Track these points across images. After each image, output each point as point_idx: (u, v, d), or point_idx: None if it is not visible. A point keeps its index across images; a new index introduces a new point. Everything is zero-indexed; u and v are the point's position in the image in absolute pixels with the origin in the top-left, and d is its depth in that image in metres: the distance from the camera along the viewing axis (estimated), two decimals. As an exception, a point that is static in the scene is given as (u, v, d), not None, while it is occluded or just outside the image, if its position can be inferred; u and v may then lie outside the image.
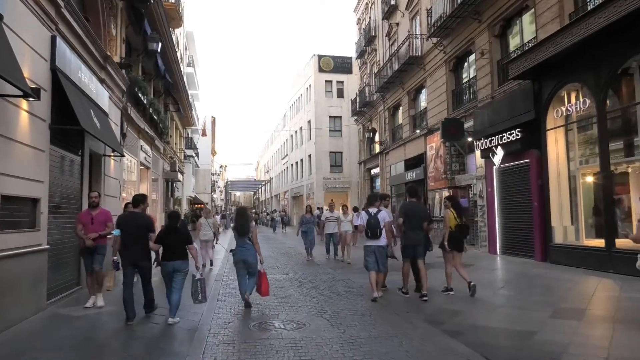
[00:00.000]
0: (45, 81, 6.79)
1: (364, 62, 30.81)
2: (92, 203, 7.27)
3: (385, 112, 25.90)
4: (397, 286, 7.96)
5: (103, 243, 7.19)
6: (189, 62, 39.34)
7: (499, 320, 5.89)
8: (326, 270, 11.21)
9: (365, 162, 30.87)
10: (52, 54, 6.93)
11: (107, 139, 9.02)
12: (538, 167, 11.27)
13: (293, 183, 48.80)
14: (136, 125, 14.48)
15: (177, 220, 6.57)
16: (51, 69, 6.98)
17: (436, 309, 6.61)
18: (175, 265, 6.11)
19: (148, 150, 17.27)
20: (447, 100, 17.41)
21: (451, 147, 16.86)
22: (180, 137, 31.79)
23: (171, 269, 6.11)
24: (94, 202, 7.27)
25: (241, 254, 6.96)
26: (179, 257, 6.15)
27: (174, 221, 6.50)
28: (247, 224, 7.09)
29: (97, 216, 7.15)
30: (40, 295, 6.60)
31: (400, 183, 22.83)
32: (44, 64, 6.75)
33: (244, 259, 6.94)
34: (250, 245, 6.98)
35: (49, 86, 6.92)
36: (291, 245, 20.04)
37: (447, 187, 16.96)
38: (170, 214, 6.79)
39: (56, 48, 6.98)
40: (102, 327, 5.99)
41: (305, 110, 43.84)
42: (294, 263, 13.01)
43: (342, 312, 6.53)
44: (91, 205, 7.30)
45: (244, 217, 7.28)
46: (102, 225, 7.14)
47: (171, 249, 6.15)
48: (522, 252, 11.93)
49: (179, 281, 6.18)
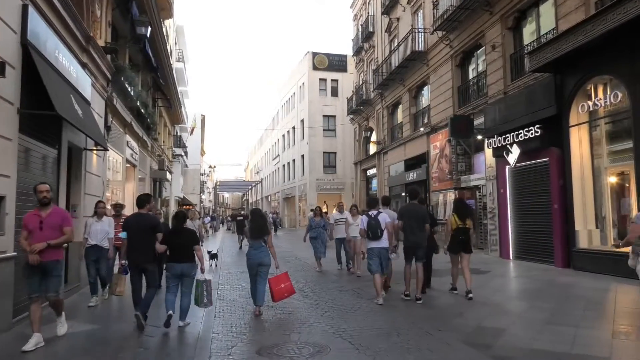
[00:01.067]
0: (13, 56, 5.75)
1: (360, 59, 29.95)
2: (43, 200, 5.14)
3: (383, 111, 25.05)
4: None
5: (57, 257, 5.19)
6: (178, 57, 38.13)
7: (553, 342, 4.95)
8: (331, 278, 10.28)
9: (361, 162, 30.01)
10: (22, 26, 5.90)
11: (88, 130, 7.98)
12: (559, 166, 10.45)
13: (285, 184, 47.75)
14: (122, 118, 13.41)
15: (184, 220, 6.41)
16: (21, 44, 5.95)
17: (473, 327, 5.69)
18: (183, 269, 5.95)
19: (135, 146, 16.18)
20: (452, 97, 16.59)
21: (457, 146, 16.02)
22: (169, 135, 30.65)
23: (179, 272, 5.94)
24: (44, 199, 5.14)
25: (257, 257, 6.70)
26: (186, 259, 5.98)
27: (180, 221, 6.28)
28: (265, 226, 6.90)
29: (48, 218, 5.12)
30: (5, 312, 5.56)
31: (400, 184, 21.98)
32: (12, 36, 5.71)
33: (260, 262, 6.68)
34: (266, 248, 6.75)
35: (18, 63, 5.88)
36: (287, 249, 19.05)
37: (452, 188, 16.12)
38: (177, 214, 6.50)
39: (28, 19, 5.95)
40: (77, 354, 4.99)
41: (298, 109, 42.85)
42: (294, 269, 12.02)
43: (364, 331, 5.58)
44: (41, 204, 5.16)
45: (261, 218, 7.09)
46: (56, 230, 5.14)
47: (178, 250, 5.98)
48: (540, 258, 11.10)
49: (188, 285, 6.06)
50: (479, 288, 8.28)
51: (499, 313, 6.43)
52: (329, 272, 11.03)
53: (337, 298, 7.80)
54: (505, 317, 6.21)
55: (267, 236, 6.74)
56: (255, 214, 7.23)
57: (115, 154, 13.22)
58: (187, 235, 6.17)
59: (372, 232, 7.26)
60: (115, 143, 12.92)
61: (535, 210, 11.34)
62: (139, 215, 6.23)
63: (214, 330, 5.81)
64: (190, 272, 6.02)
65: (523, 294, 7.85)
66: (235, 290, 8.93)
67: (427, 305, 7.09)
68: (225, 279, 10.41)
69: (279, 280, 6.83)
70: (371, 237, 7.29)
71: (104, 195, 11.12)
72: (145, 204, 6.27)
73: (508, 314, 6.39)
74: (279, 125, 50.85)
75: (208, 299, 6.14)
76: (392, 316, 6.43)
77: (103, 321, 6.34)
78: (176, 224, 6.24)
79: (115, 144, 12.91)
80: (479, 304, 6.97)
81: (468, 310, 6.51)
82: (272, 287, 6.71)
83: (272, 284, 6.73)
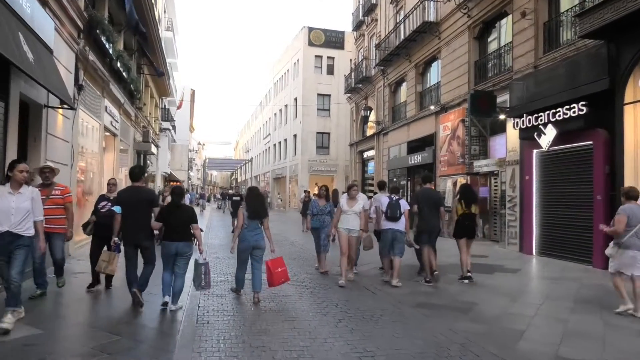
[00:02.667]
0: None
1: (361, 34, 28.18)
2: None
3: (385, 89, 23.47)
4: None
5: None
6: (167, 27, 35.98)
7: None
8: (337, 270, 8.79)
9: (357, 143, 28.52)
10: None
11: (47, 82, 6.34)
12: (606, 151, 9.05)
13: (275, 164, 46.15)
14: (99, 79, 11.69)
15: (182, 197, 5.94)
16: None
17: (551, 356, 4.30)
18: (178, 248, 5.60)
19: (115, 113, 14.46)
20: (468, 72, 15.06)
21: (471, 127, 14.58)
22: (156, 107, 28.77)
23: (174, 251, 5.60)
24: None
25: (254, 240, 6.24)
26: (182, 238, 5.64)
27: (178, 198, 5.84)
28: (264, 206, 6.60)
29: None
30: None
31: (402, 167, 20.55)
32: None
33: (256, 245, 6.25)
34: (261, 230, 6.35)
35: None
36: (279, 232, 17.57)
37: (464, 174, 14.72)
38: (174, 189, 6.01)
39: None
40: None
41: (292, 86, 41.04)
42: (291, 257, 10.57)
43: (402, 354, 4.16)
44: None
45: (259, 198, 6.61)
46: None
47: (174, 228, 5.62)
48: (573, 256, 9.77)
49: (182, 266, 5.75)
50: (523, 293, 6.94)
51: (575, 335, 5.04)
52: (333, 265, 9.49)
53: (350, 299, 6.37)
54: (583, 340, 4.83)
55: (265, 218, 6.37)
56: (253, 193, 6.63)
57: (90, 119, 11.54)
58: (184, 212, 5.78)
59: (392, 213, 7.30)
60: (90, 107, 11.24)
61: (571, 201, 9.96)
62: (134, 188, 5.92)
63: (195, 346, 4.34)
64: (185, 252, 5.68)
65: (584, 304, 6.28)
66: (223, 282, 7.48)
67: (464, 310, 5.72)
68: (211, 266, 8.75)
69: (276, 264, 6.37)
70: (389, 215, 7.31)
71: (75, 164, 9.50)
72: (140, 177, 6.07)
73: (587, 337, 5.00)
74: (271, 103, 49.00)
75: (206, 282, 5.80)
76: (430, 326, 5.03)
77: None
78: (173, 200, 5.83)
79: (90, 108, 11.23)
80: (542, 317, 5.57)
81: (534, 332, 5.06)
82: (270, 270, 6.20)
83: (271, 266, 6.25)
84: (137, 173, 6.07)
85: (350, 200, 7.48)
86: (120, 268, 6.11)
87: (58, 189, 6.05)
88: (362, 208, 7.54)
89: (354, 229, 7.44)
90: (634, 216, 5.55)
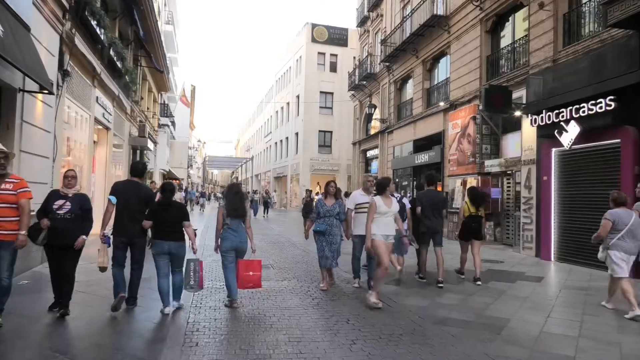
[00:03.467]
0: None
1: (365, 31, 27.46)
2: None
3: (390, 86, 22.74)
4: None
5: None
6: (168, 20, 35.32)
7: None
8: (343, 277, 8.05)
9: (360, 142, 27.82)
10: None
11: (19, 60, 5.62)
12: (635, 150, 8.31)
13: (276, 162, 45.43)
14: (89, 67, 10.97)
15: (172, 194, 5.59)
16: None
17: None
18: (171, 247, 5.33)
19: (108, 105, 13.75)
20: (480, 68, 14.32)
21: (482, 125, 13.86)
22: (155, 102, 28.05)
23: (166, 249, 5.32)
24: None
25: (236, 240, 5.79)
26: (174, 237, 5.36)
27: (168, 195, 5.52)
28: (244, 205, 5.99)
29: None
30: None
31: (407, 167, 19.84)
32: None
33: (237, 247, 5.81)
34: (244, 230, 5.89)
35: None
36: (278, 232, 16.91)
37: (475, 174, 13.97)
38: (165, 186, 5.70)
39: None
40: None
41: (294, 84, 40.32)
42: (292, 261, 9.89)
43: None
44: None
45: (239, 194, 6.07)
46: None
47: (166, 226, 5.35)
48: (597, 263, 9.01)
49: (179, 263, 5.47)
50: (556, 307, 6.19)
51: None
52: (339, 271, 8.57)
53: (363, 314, 5.59)
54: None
55: (245, 217, 5.90)
56: (232, 190, 6.16)
57: (79, 109, 10.83)
58: (176, 209, 5.50)
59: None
60: (78, 96, 10.53)
61: (594, 204, 9.20)
62: (134, 183, 5.62)
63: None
64: (179, 252, 5.41)
65: (631, 322, 5.44)
66: (219, 290, 6.66)
67: (495, 328, 4.98)
68: (208, 270, 8.03)
69: (249, 266, 5.76)
70: None
71: (57, 156, 8.77)
72: (143, 173, 5.84)
73: None
74: (272, 101, 48.29)
75: (195, 281, 5.44)
76: (461, 350, 4.31)
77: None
78: (164, 198, 5.51)
79: (78, 97, 10.52)
80: (588, 339, 4.82)
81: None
82: (239, 270, 5.67)
83: (241, 267, 5.69)
84: (140, 169, 5.79)
85: (385, 198, 6.12)
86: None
87: (10, 182, 4.58)
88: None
89: (391, 235, 6.11)
90: (621, 221, 5.84)
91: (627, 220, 5.81)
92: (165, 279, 5.34)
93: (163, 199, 5.51)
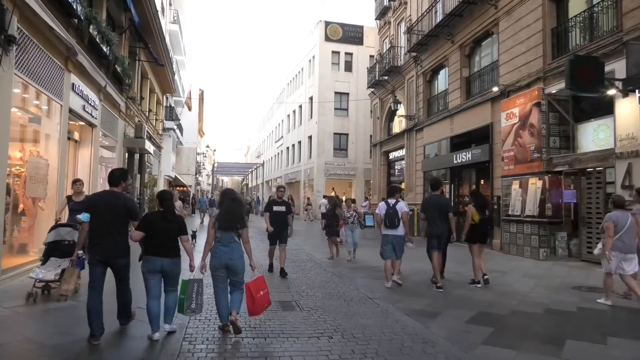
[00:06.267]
0: None
1: (386, 22, 25.01)
2: None
3: (418, 79, 20.20)
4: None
5: None
6: (173, 19, 33.18)
7: None
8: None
9: (381, 143, 25.29)
10: None
11: None
12: None
13: (288, 168, 43.06)
14: (57, 43, 8.57)
15: (170, 202, 4.85)
16: None
17: None
18: (164, 265, 4.62)
19: (92, 98, 11.38)
20: (543, 43, 11.69)
21: (549, 112, 11.23)
22: (159, 104, 25.83)
23: (159, 267, 4.61)
24: None
25: (225, 256, 4.87)
26: (169, 254, 4.66)
27: (169, 204, 4.82)
28: (241, 213, 5.07)
29: None
30: None
31: (443, 167, 17.20)
32: None
33: (228, 263, 4.88)
34: (239, 245, 4.98)
35: None
36: (296, 245, 14.30)
37: (540, 173, 11.31)
38: (161, 194, 5.02)
39: None
40: None
41: (306, 85, 38.02)
42: (324, 294, 7.35)
43: None
44: None
45: (235, 202, 5.09)
46: None
47: (159, 240, 4.62)
48: None
49: (172, 282, 4.77)
50: None
51: None
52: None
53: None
54: None
55: (243, 229, 4.99)
56: (227, 197, 5.21)
57: (41, 93, 8.41)
58: (174, 222, 4.78)
59: (390, 221, 7.58)
60: (40, 76, 8.10)
61: None
62: (110, 193, 4.83)
63: None
64: (173, 271, 4.70)
65: None
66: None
67: None
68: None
69: (258, 286, 4.97)
70: (388, 225, 7.60)
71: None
72: (120, 181, 4.88)
73: None
74: (283, 105, 46.04)
75: (197, 305, 4.77)
76: None
77: None
78: (161, 207, 4.81)
79: (39, 78, 8.09)
80: None
81: None
82: (252, 293, 4.84)
83: (253, 289, 4.86)
84: (117, 176, 4.92)
85: None
86: None
87: None
88: None
89: None
90: (619, 222, 6.27)
91: (624, 222, 6.27)
92: (156, 300, 4.64)
93: (165, 207, 4.82)
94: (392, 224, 7.57)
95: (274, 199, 9.21)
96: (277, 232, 8.71)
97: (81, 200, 7.33)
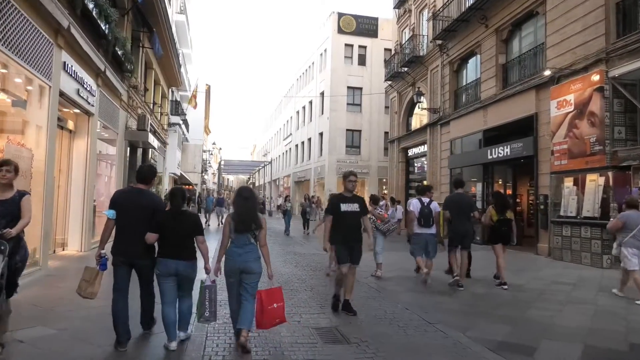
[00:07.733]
0: None
1: (406, 11, 23.49)
2: None
3: (444, 69, 18.69)
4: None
5: None
6: (180, 9, 31.82)
7: None
8: None
9: (399, 139, 23.81)
10: None
11: None
12: None
13: (297, 166, 41.63)
14: (43, 11, 7.14)
15: (184, 201, 4.54)
16: None
17: None
18: (179, 267, 4.29)
19: (89, 82, 9.99)
20: (605, 20, 10.16)
21: (613, 98, 9.72)
22: (164, 97, 24.46)
23: (173, 270, 4.29)
24: None
25: (240, 258, 4.41)
26: (184, 255, 4.32)
27: (179, 201, 4.46)
28: (255, 213, 4.56)
29: None
30: None
31: (474, 164, 15.68)
32: None
33: (243, 268, 4.40)
34: (255, 248, 4.46)
35: None
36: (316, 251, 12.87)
37: (603, 168, 9.79)
38: (174, 191, 4.60)
39: None
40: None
41: (317, 80, 36.57)
42: (369, 317, 5.89)
43: None
44: None
45: (250, 201, 4.60)
46: None
47: (174, 241, 4.30)
48: None
49: (187, 287, 4.47)
50: None
51: None
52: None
53: None
54: None
55: (259, 230, 4.45)
56: (242, 195, 4.63)
57: (21, 68, 6.97)
58: (188, 219, 4.44)
59: (425, 220, 7.57)
60: (21, 48, 6.69)
61: None
62: (136, 190, 4.54)
63: None
64: (189, 274, 4.39)
65: None
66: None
67: None
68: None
69: (273, 297, 4.35)
70: (423, 224, 7.58)
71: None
72: (149, 179, 4.60)
73: None
74: (292, 101, 44.60)
75: (211, 312, 4.35)
76: None
77: None
78: (174, 206, 4.46)
79: (20, 50, 6.67)
80: None
81: None
82: (262, 303, 4.26)
83: (265, 299, 4.28)
84: (145, 172, 4.61)
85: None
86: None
87: None
88: None
89: None
90: (632, 221, 6.59)
91: (638, 221, 6.54)
92: (172, 307, 4.31)
93: (172, 206, 4.45)
94: (427, 223, 7.59)
95: (342, 194, 5.99)
96: (348, 244, 5.74)
97: (10, 197, 4.08)
